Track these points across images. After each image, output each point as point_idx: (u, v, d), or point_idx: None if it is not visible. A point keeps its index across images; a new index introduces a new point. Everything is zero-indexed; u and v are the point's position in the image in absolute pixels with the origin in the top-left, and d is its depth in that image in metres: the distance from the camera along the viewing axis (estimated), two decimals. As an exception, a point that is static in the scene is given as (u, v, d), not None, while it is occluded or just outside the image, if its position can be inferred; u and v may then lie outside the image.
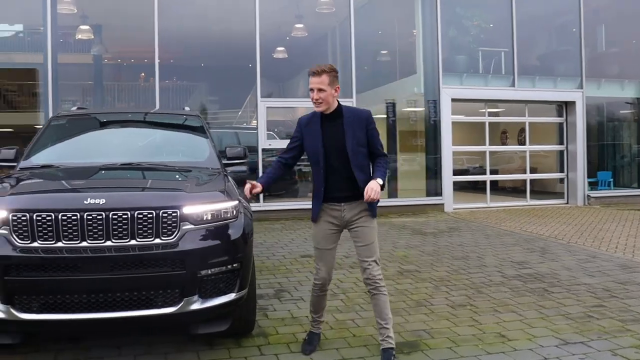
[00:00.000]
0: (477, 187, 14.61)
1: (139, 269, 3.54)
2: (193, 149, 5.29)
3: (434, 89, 12.72)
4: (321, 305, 4.10)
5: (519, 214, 11.79)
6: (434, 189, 12.65)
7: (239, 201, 4.05)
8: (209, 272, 3.69)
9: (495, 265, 6.82)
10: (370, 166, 3.93)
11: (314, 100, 3.76)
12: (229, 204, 3.91)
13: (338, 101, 3.86)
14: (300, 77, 14.88)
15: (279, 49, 14.59)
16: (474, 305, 5.16)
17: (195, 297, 3.67)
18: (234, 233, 3.87)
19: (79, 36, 13.79)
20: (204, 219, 3.75)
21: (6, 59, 16.75)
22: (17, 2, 12.54)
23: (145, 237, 3.59)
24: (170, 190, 4.03)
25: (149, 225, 3.59)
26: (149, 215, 3.59)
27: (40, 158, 4.84)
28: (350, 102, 12.02)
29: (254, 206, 7.23)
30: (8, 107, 15.89)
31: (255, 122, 11.89)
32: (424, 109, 13.09)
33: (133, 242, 3.57)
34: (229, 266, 3.80)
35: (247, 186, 3.82)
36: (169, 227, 3.63)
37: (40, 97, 10.79)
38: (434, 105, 12.71)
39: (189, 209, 3.70)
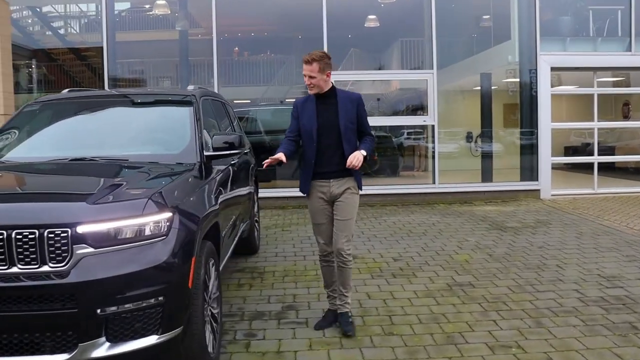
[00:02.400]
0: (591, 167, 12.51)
1: (19, 304, 2.69)
2: (171, 139, 4.34)
3: (530, 56, 10.89)
4: (331, 279, 4.32)
5: (632, 204, 9.82)
6: (529, 173, 10.95)
7: (175, 212, 3.08)
8: (117, 309, 2.78)
9: (576, 280, 5.36)
10: (357, 143, 4.18)
11: (307, 85, 4.06)
12: (152, 218, 2.94)
13: (332, 83, 4.16)
14: (395, 47, 13.68)
15: (371, 17, 13.48)
16: (523, 347, 3.84)
17: (102, 341, 2.78)
18: (158, 256, 2.91)
19: (156, 11, 13.52)
20: (112, 238, 2.83)
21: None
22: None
23: (28, 263, 2.74)
24: (63, 201, 3.11)
25: (31, 249, 2.73)
26: (30, 236, 2.72)
27: (-6, 151, 4.14)
28: (429, 75, 10.63)
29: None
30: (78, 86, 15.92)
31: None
32: (519, 79, 11.34)
33: (14, 269, 2.74)
34: (150, 300, 2.86)
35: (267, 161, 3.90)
36: (58, 251, 2.75)
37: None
38: (530, 75, 10.93)
39: (86, 227, 2.78)
